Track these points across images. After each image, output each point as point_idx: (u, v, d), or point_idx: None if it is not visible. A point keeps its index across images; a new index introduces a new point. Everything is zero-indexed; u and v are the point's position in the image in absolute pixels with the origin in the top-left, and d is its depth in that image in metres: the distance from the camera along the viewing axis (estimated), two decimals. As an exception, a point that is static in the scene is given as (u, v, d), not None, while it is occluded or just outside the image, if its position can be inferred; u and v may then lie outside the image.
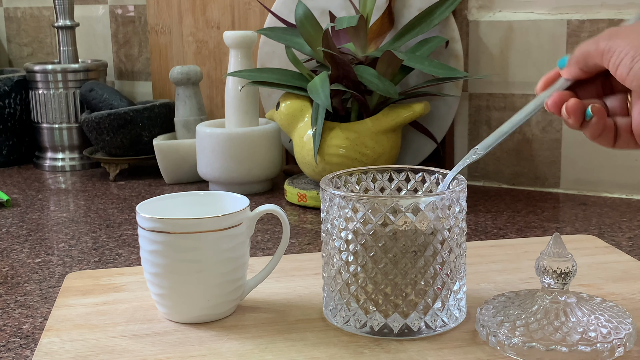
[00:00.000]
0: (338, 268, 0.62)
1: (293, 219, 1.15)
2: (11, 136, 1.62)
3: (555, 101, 0.58)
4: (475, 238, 1.03)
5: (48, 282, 0.88)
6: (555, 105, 0.58)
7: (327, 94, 1.10)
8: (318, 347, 0.59)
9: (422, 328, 0.61)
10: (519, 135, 1.31)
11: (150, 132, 1.45)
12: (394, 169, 0.68)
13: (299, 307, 0.67)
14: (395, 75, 1.17)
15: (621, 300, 0.67)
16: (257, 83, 1.21)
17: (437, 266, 0.60)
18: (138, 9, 1.71)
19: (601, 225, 1.09)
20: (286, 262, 0.78)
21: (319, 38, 1.16)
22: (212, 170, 1.30)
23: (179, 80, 1.40)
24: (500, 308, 0.61)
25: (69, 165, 1.58)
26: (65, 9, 1.59)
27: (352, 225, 0.60)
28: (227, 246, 0.63)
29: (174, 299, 0.64)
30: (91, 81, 1.56)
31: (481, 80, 1.31)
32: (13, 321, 0.77)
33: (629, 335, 0.57)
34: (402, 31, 1.23)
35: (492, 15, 1.30)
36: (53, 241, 1.06)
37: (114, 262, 0.96)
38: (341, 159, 1.16)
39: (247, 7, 1.47)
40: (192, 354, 0.59)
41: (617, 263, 0.77)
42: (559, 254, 0.60)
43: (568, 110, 0.56)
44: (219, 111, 1.54)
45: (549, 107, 0.58)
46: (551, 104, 0.58)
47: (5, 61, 1.88)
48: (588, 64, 0.55)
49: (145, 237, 0.63)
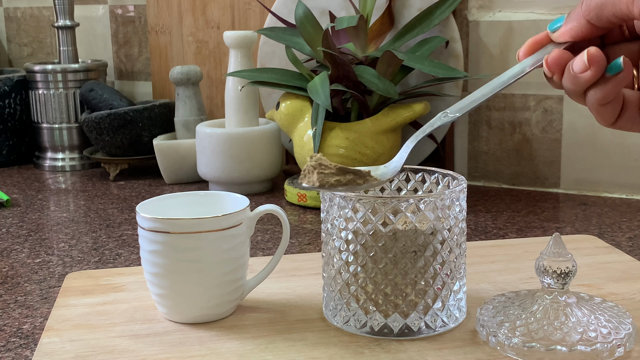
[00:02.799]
0: (338, 268, 0.62)
1: (293, 219, 1.15)
2: (11, 136, 1.62)
3: (556, 58, 0.49)
4: (475, 238, 1.03)
5: (48, 282, 0.88)
6: (556, 62, 0.49)
7: (327, 94, 1.10)
8: (318, 347, 0.59)
9: (422, 328, 0.61)
10: (519, 135, 1.31)
11: (150, 132, 1.45)
12: (394, 169, 0.68)
13: (299, 307, 0.67)
14: (395, 75, 1.17)
15: (621, 300, 0.67)
16: (257, 83, 1.21)
17: (437, 266, 0.60)
18: (138, 9, 1.71)
19: (601, 225, 1.09)
20: (286, 262, 0.78)
21: (319, 38, 1.16)
22: (212, 170, 1.30)
23: (179, 80, 1.40)
24: (500, 308, 0.61)
25: (69, 165, 1.58)
26: (65, 9, 1.59)
27: (352, 225, 0.60)
28: (227, 246, 0.63)
29: (174, 299, 0.64)
30: (91, 81, 1.56)
31: (481, 80, 1.31)
32: (13, 321, 0.77)
33: (629, 335, 0.57)
34: (402, 31, 1.23)
35: (492, 15, 1.30)
36: (53, 241, 1.06)
37: (114, 262, 0.96)
38: (341, 159, 1.16)
39: (247, 7, 1.47)
40: (192, 354, 0.59)
41: (617, 263, 0.77)
42: (559, 254, 0.60)
43: (591, 58, 0.47)
44: (219, 111, 1.54)
45: (548, 65, 0.49)
46: (552, 61, 0.49)
47: (5, 61, 1.88)
48: (602, 15, 0.47)
49: (145, 237, 0.63)
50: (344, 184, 0.57)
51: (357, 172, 0.58)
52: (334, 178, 0.57)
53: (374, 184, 0.58)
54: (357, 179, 0.58)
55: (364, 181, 0.58)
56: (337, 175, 0.57)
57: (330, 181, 0.57)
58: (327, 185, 0.57)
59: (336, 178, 0.57)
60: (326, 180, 0.57)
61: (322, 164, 0.57)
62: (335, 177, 0.57)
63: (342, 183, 0.57)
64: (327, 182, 0.57)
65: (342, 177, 0.57)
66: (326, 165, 0.57)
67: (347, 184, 0.57)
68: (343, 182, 0.57)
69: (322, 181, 0.57)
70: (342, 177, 0.57)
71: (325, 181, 0.57)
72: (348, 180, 0.57)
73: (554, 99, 1.27)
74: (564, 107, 1.27)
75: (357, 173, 0.58)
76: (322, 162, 0.57)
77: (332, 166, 0.58)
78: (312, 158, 0.58)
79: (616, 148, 1.24)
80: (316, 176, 0.57)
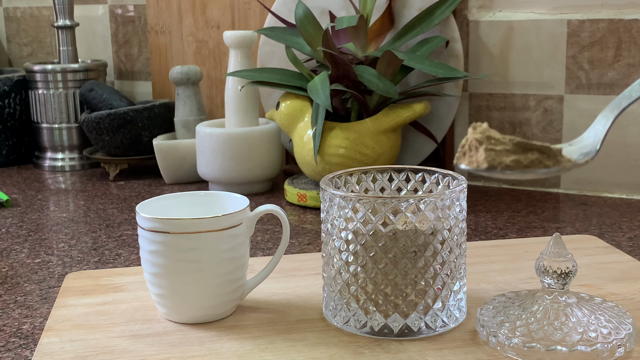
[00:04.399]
0: (338, 268, 0.61)
1: (293, 219, 1.15)
2: (11, 136, 1.62)
3: None
4: (475, 238, 1.03)
5: (48, 282, 0.88)
6: None
7: (327, 94, 1.10)
8: (318, 347, 0.59)
9: (422, 328, 0.60)
10: (519, 135, 1.31)
11: (150, 132, 1.44)
12: (394, 169, 0.68)
13: (299, 307, 0.67)
14: (395, 75, 1.17)
15: (621, 300, 0.67)
16: (257, 83, 1.21)
17: (437, 266, 0.60)
18: (138, 9, 1.71)
19: (601, 225, 1.09)
20: (286, 262, 0.78)
21: (319, 38, 1.16)
22: (212, 170, 1.29)
23: (179, 80, 1.40)
24: (500, 308, 0.61)
25: (69, 165, 1.58)
26: (65, 8, 1.59)
27: (352, 226, 0.60)
28: (227, 246, 0.63)
29: (173, 299, 0.64)
30: (91, 81, 1.56)
31: (481, 80, 1.31)
32: (13, 321, 0.77)
33: (629, 335, 0.57)
34: (402, 31, 1.23)
35: (492, 15, 1.30)
36: (53, 241, 1.06)
37: (114, 262, 0.96)
38: (341, 159, 1.16)
39: (247, 7, 1.47)
40: (192, 354, 0.59)
41: (617, 263, 0.77)
42: (559, 254, 0.60)
43: None
44: (219, 111, 1.54)
45: None
46: None
47: (5, 61, 1.88)
48: None
49: (145, 237, 0.63)
50: (526, 165, 0.44)
51: (545, 150, 0.44)
52: (510, 157, 0.44)
53: (567, 166, 0.45)
54: (545, 159, 0.45)
55: (553, 162, 0.45)
56: (514, 153, 0.44)
57: (506, 161, 0.44)
58: (501, 167, 0.44)
59: (514, 157, 0.44)
60: (499, 161, 0.44)
61: (492, 137, 0.44)
62: (512, 157, 0.44)
63: (522, 164, 0.44)
64: (500, 162, 0.43)
65: (522, 157, 0.44)
66: (497, 140, 0.44)
67: (529, 165, 0.44)
68: (524, 162, 0.44)
69: (494, 161, 0.43)
70: (522, 157, 0.44)
71: (498, 161, 0.44)
72: (531, 161, 0.44)
73: (554, 99, 1.27)
74: (564, 107, 1.27)
75: (544, 151, 0.44)
76: (491, 135, 0.44)
77: (506, 141, 0.44)
78: (477, 129, 0.45)
79: (616, 148, 1.24)
80: (484, 154, 0.44)
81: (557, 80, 1.27)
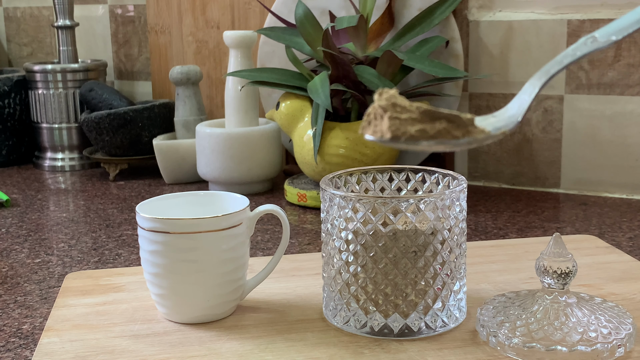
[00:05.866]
0: (338, 268, 0.61)
1: (293, 219, 1.15)
2: (11, 136, 1.62)
3: None
4: (476, 238, 1.03)
5: (48, 282, 0.88)
6: None
7: (327, 94, 1.10)
8: (318, 347, 0.59)
9: (422, 328, 0.60)
10: (519, 135, 1.31)
11: (150, 132, 1.44)
12: (394, 169, 0.68)
13: (299, 307, 0.67)
14: (395, 75, 1.17)
15: (621, 300, 0.67)
16: (257, 83, 1.21)
17: (437, 266, 0.60)
18: (138, 9, 1.71)
19: (601, 225, 1.09)
20: (286, 262, 0.78)
21: (319, 38, 1.16)
22: (212, 170, 1.29)
23: (179, 80, 1.40)
24: (500, 308, 0.61)
25: (69, 165, 1.58)
26: (65, 8, 1.59)
27: (352, 226, 0.60)
28: (227, 246, 0.63)
29: (173, 299, 0.64)
30: (91, 81, 1.56)
31: (481, 80, 1.31)
32: (13, 321, 0.77)
33: (630, 335, 0.57)
34: (402, 31, 1.23)
35: (492, 15, 1.30)
36: (53, 241, 1.06)
37: (114, 262, 0.96)
38: (341, 159, 1.16)
39: (247, 7, 1.47)
40: (192, 354, 0.59)
41: (617, 263, 0.77)
42: (559, 254, 0.59)
43: None
44: (219, 111, 1.54)
45: None
46: None
47: (5, 61, 1.88)
48: None
49: (145, 237, 0.63)
50: (432, 135, 0.39)
51: (454, 119, 0.40)
52: (415, 127, 0.39)
53: (479, 138, 0.41)
54: (454, 129, 0.40)
55: (463, 133, 0.40)
56: (420, 122, 0.39)
57: (411, 131, 0.39)
58: (405, 137, 0.39)
59: (419, 127, 0.39)
60: (403, 130, 0.39)
61: (398, 105, 0.39)
62: (417, 126, 0.39)
63: (428, 134, 0.39)
64: (405, 132, 0.39)
65: (428, 126, 0.39)
66: (404, 107, 0.39)
67: (436, 136, 0.39)
68: (430, 132, 0.39)
69: (397, 131, 0.39)
70: (428, 126, 0.39)
71: (402, 131, 0.39)
72: (438, 130, 0.39)
73: (554, 99, 1.27)
74: (564, 107, 1.27)
75: (454, 120, 0.40)
76: (397, 102, 0.39)
77: (413, 108, 0.40)
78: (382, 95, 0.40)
79: (616, 148, 1.24)
80: (388, 122, 0.39)
81: (557, 80, 1.27)
